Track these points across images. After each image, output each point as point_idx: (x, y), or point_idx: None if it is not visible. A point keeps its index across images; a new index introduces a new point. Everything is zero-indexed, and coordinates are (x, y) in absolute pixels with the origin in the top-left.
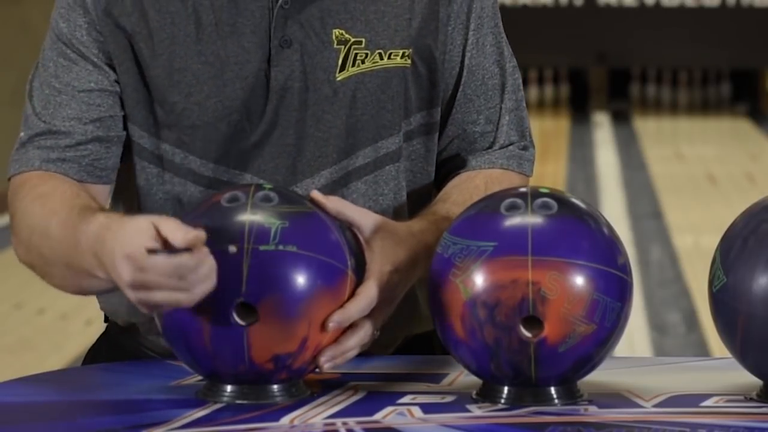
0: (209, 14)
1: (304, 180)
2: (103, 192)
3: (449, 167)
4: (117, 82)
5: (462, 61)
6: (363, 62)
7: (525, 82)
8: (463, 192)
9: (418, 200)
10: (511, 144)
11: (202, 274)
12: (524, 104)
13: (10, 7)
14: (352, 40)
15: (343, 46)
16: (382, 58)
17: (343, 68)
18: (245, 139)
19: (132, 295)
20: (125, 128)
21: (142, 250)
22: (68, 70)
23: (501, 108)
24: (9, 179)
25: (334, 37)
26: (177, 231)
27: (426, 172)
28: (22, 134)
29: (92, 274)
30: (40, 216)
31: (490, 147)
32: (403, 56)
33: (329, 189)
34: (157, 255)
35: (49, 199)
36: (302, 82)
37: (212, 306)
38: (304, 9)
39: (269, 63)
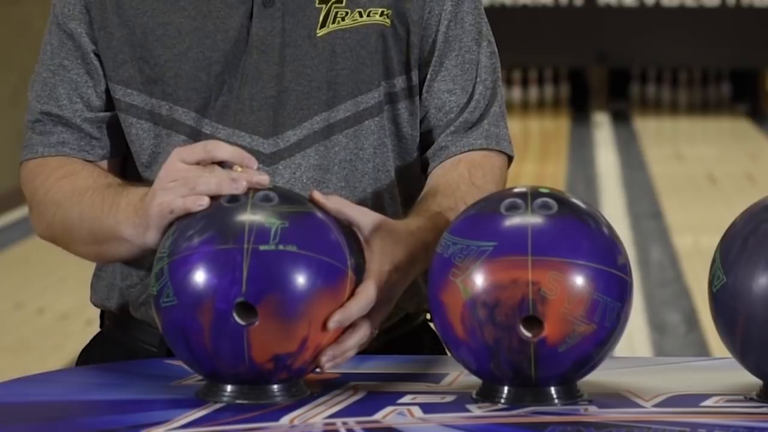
0: None
1: (285, 132)
2: (114, 167)
3: (429, 154)
4: (96, 54)
5: (437, 29)
6: (343, 20)
7: (525, 82)
8: (450, 183)
9: (407, 167)
10: (483, 116)
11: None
12: (501, 88)
13: (10, 7)
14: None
15: (324, 6)
16: (361, 16)
17: (323, 25)
18: (227, 91)
19: (167, 195)
20: (109, 94)
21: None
22: (59, 49)
23: (476, 81)
24: (20, 163)
25: None
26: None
27: (412, 136)
28: (25, 118)
29: (116, 236)
30: (70, 191)
31: (462, 112)
32: (382, 14)
33: (311, 140)
34: None
35: (78, 177)
36: (282, 38)
37: (212, 306)
38: None
39: (251, 19)
